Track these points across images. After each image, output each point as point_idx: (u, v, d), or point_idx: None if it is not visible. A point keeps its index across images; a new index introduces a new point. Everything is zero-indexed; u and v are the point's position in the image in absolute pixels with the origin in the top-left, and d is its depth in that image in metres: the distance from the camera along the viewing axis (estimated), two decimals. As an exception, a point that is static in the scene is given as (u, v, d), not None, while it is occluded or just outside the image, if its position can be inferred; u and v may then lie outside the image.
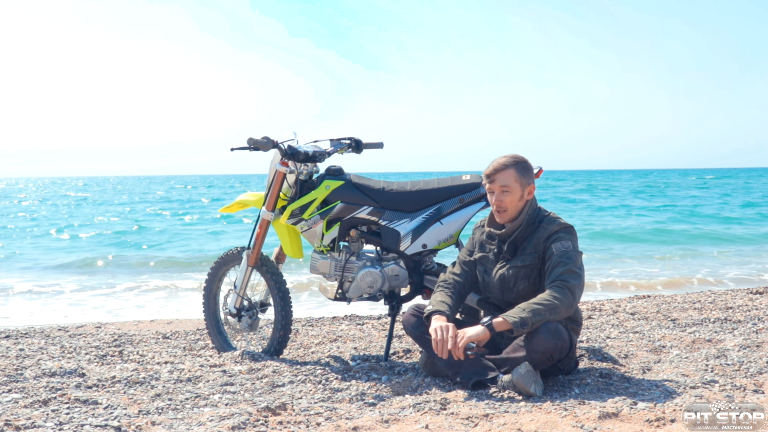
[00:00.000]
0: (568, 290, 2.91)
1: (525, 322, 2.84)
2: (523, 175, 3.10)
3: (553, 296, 2.89)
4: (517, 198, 3.09)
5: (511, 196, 3.08)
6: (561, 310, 2.89)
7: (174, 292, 8.47)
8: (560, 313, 2.89)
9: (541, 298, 2.90)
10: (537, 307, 2.86)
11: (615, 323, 4.70)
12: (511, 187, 3.07)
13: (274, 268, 3.84)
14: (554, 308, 2.87)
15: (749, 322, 4.51)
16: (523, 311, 2.86)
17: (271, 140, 3.63)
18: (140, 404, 2.86)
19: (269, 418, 2.61)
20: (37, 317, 6.88)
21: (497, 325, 2.87)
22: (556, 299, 2.88)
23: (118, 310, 7.32)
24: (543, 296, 2.91)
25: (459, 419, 2.58)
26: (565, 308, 2.90)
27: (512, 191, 3.08)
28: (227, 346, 4.04)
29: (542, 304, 2.87)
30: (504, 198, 3.09)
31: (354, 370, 3.47)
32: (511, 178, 3.07)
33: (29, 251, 13.99)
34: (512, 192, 3.08)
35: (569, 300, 2.90)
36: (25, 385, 3.16)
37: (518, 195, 3.09)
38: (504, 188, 3.08)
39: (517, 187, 3.08)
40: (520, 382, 2.85)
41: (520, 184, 3.09)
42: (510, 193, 3.08)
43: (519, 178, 3.08)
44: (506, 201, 3.09)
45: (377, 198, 3.66)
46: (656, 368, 3.36)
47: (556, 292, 2.91)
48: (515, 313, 2.87)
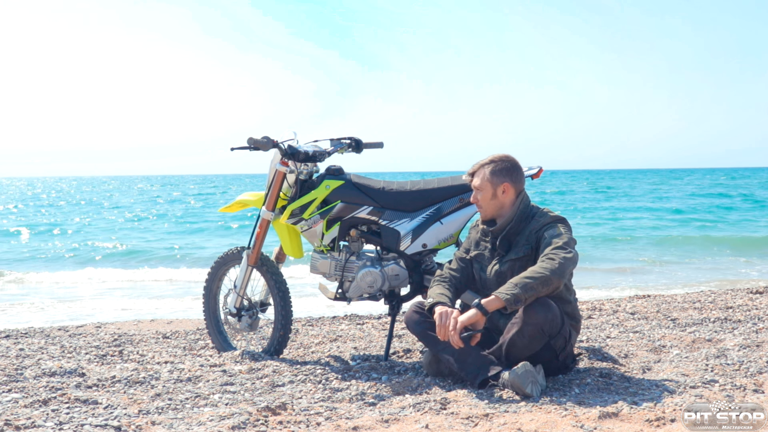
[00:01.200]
0: (558, 261, 2.93)
1: (518, 298, 2.85)
2: (496, 174, 3.20)
3: (542, 267, 2.92)
4: (489, 196, 3.21)
5: (483, 195, 3.22)
6: (553, 281, 2.90)
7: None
8: (552, 283, 2.90)
9: (531, 271, 2.92)
10: (528, 281, 2.87)
11: (615, 323, 4.70)
12: (481, 187, 3.22)
13: (274, 268, 3.85)
14: (545, 279, 2.88)
15: (749, 322, 4.51)
16: (515, 287, 2.87)
17: (271, 140, 3.62)
18: (140, 404, 2.86)
19: (269, 418, 2.61)
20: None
21: (488, 304, 2.88)
22: (546, 269, 2.90)
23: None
24: (533, 269, 2.93)
25: (459, 419, 2.58)
26: (556, 278, 2.90)
27: (483, 190, 3.22)
28: (227, 345, 4.04)
29: (533, 278, 2.88)
30: (477, 196, 3.25)
31: (354, 370, 3.47)
32: (483, 178, 3.22)
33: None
34: (483, 191, 3.22)
35: (559, 269, 2.91)
36: (25, 384, 3.16)
37: (489, 194, 3.21)
38: (476, 187, 3.24)
39: (487, 186, 3.21)
40: (517, 382, 2.85)
41: (491, 183, 3.20)
42: (481, 191, 3.22)
43: (491, 177, 3.21)
44: (480, 199, 3.24)
45: (377, 198, 3.66)
46: (656, 368, 3.36)
47: (545, 263, 2.94)
48: (506, 288, 2.88)
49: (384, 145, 4.06)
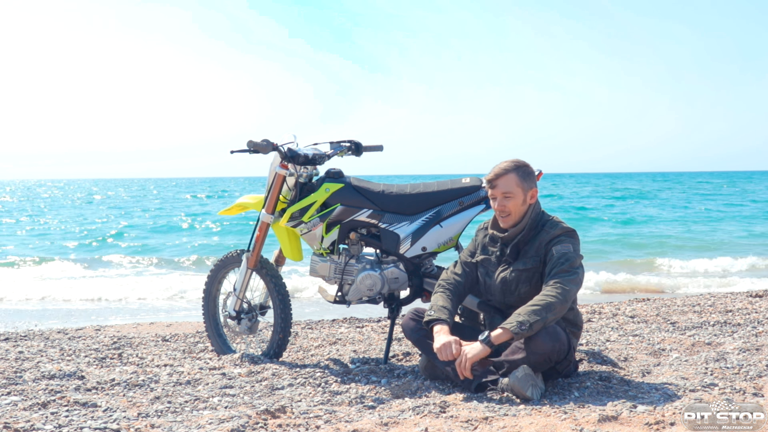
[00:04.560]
0: (562, 287, 2.93)
1: (523, 324, 2.85)
2: (525, 179, 3.12)
3: (547, 295, 2.92)
4: (520, 202, 3.12)
5: (514, 201, 3.11)
6: (557, 308, 2.90)
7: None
8: (556, 310, 2.91)
9: (536, 300, 2.92)
10: (533, 309, 2.88)
11: (615, 326, 4.70)
12: (513, 192, 3.10)
13: (273, 271, 3.84)
14: (550, 307, 2.89)
15: (749, 325, 4.50)
16: (520, 316, 2.88)
17: (271, 143, 3.63)
18: (139, 407, 2.85)
19: (268, 421, 2.61)
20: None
21: (496, 339, 2.89)
22: (550, 297, 2.91)
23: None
24: (538, 297, 2.93)
25: (458, 422, 2.57)
26: (560, 305, 2.91)
27: (514, 196, 3.11)
28: (227, 348, 4.04)
29: (538, 305, 2.89)
30: (507, 203, 3.12)
31: (353, 373, 3.46)
32: (513, 183, 3.10)
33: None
34: (514, 197, 3.11)
35: (563, 297, 2.92)
36: (25, 387, 3.16)
37: (521, 199, 3.12)
38: (506, 194, 3.11)
39: (519, 191, 3.11)
40: (517, 386, 2.85)
41: (522, 188, 3.11)
42: (512, 198, 3.11)
43: (520, 182, 3.11)
44: (509, 206, 3.12)
45: (377, 201, 3.66)
46: (656, 371, 3.36)
47: (550, 290, 2.93)
48: (513, 320, 2.88)
49: (384, 148, 4.07)
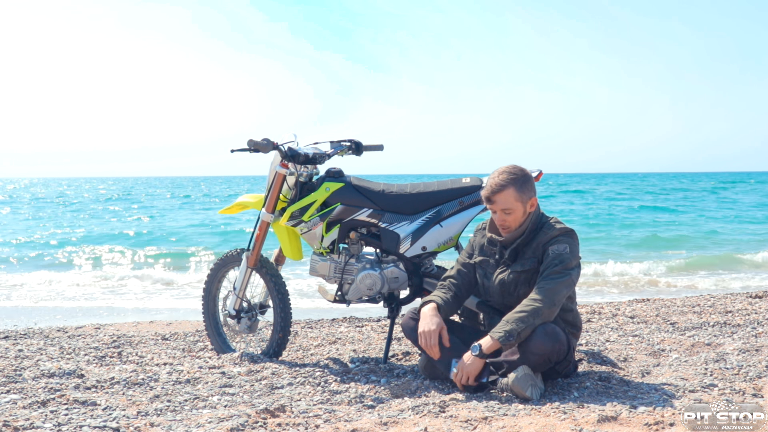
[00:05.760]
0: (551, 290, 2.93)
1: (510, 334, 2.86)
2: (523, 191, 3.04)
3: (533, 300, 2.92)
4: (520, 215, 3.06)
5: (514, 215, 3.05)
6: (544, 312, 2.90)
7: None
8: (544, 315, 2.91)
9: (524, 305, 2.92)
10: (520, 317, 2.88)
11: (614, 326, 4.70)
12: (512, 208, 3.03)
13: (273, 270, 3.84)
14: (537, 312, 2.89)
15: (748, 326, 4.50)
16: (508, 324, 2.88)
17: (271, 142, 3.63)
18: (139, 405, 2.86)
19: (268, 420, 2.61)
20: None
21: (487, 349, 2.90)
22: (537, 301, 2.91)
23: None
24: (525, 302, 2.93)
25: (458, 422, 2.57)
26: (547, 309, 2.91)
27: (514, 211, 3.04)
28: (226, 347, 4.04)
29: (525, 312, 2.89)
30: (507, 218, 3.05)
31: (353, 373, 3.46)
32: (511, 199, 3.02)
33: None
34: (514, 211, 3.04)
35: (550, 301, 2.92)
36: (24, 385, 3.16)
37: (521, 212, 3.06)
38: (505, 210, 3.03)
39: (518, 205, 3.03)
40: (517, 386, 2.85)
41: (521, 201, 3.04)
42: (512, 212, 3.04)
43: (519, 196, 3.02)
44: (509, 220, 3.06)
45: (377, 200, 3.66)
46: (655, 372, 3.36)
47: (537, 294, 2.93)
48: (500, 327, 2.89)
49: (384, 147, 4.07)
